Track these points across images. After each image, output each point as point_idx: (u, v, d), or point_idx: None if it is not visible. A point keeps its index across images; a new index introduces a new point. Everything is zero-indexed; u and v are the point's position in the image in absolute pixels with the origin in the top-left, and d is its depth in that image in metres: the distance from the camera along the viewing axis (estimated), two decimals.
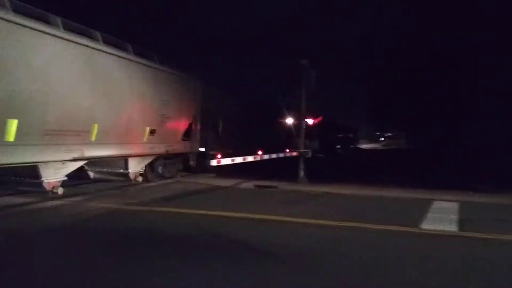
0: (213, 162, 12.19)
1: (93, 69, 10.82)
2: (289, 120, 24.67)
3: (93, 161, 11.56)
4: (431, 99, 28.06)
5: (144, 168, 13.53)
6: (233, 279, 5.15)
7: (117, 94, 11.75)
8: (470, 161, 25.13)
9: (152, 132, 13.11)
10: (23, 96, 8.84)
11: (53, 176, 9.99)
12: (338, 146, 47.51)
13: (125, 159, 12.54)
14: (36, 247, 6.30)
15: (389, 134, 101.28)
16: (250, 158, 14.04)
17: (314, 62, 15.21)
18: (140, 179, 13.34)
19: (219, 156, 12.34)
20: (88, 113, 10.64)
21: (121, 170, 12.75)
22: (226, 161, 12.67)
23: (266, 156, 15.32)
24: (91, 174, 12.56)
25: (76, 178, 11.60)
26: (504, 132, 26.01)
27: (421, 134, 35.23)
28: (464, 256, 6.42)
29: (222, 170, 15.89)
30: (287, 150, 16.16)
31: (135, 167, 12.97)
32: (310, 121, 16.44)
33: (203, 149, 16.45)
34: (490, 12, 24.78)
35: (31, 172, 9.58)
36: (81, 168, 11.20)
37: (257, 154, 14.52)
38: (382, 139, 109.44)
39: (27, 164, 9.23)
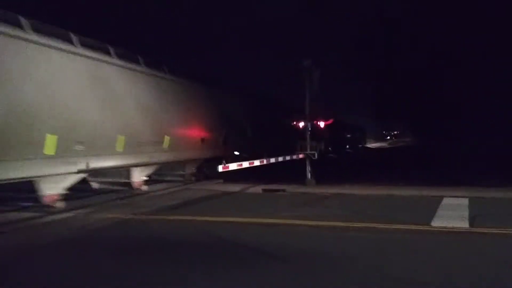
0: (220, 168, 12.19)
1: (164, 95, 13.81)
2: (299, 122, 24.73)
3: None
4: (433, 97, 28.02)
5: (194, 170, 16.35)
6: (241, 283, 5.14)
7: (180, 112, 14.71)
8: (474, 157, 25.07)
9: (202, 140, 16.02)
10: (127, 120, 12.03)
11: (139, 177, 12.92)
12: (348, 146, 47.94)
13: (183, 162, 15.47)
14: (45, 259, 6.33)
15: (396, 132, 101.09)
16: (257, 163, 14.02)
17: (317, 62, 15.13)
18: (193, 178, 16.19)
19: (224, 162, 12.58)
20: (162, 128, 13.64)
21: (180, 172, 15.90)
22: (233, 166, 12.64)
23: (272, 160, 15.24)
24: (153, 177, 14.86)
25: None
26: (503, 129, 26.00)
27: (426, 131, 35.24)
28: (476, 252, 6.35)
29: (238, 175, 15.85)
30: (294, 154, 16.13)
31: (189, 169, 16.18)
32: (321, 124, 16.41)
33: (237, 153, 18.25)
34: (490, 12, 24.68)
35: (125, 174, 12.59)
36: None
37: (264, 158, 14.51)
38: (388, 137, 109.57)
39: (125, 167, 12.29)
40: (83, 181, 11.53)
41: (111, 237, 7.90)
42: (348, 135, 49.80)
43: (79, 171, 10.40)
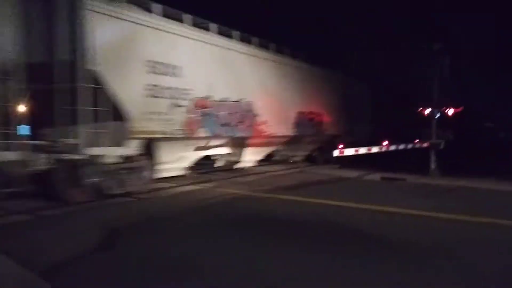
0: (336, 153, 12.10)
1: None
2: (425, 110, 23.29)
3: None
4: None
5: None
6: (338, 263, 5.24)
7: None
8: None
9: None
10: None
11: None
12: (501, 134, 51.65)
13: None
14: (172, 226, 7.12)
15: None
16: (375, 149, 13.57)
17: (447, 47, 14.09)
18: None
19: (341, 146, 12.20)
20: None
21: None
22: (349, 151, 12.42)
23: (393, 147, 14.59)
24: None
25: None
26: None
27: None
28: None
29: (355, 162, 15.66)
30: (416, 141, 15.15)
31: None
32: (450, 111, 15.19)
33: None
34: None
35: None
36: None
37: (383, 145, 13.93)
38: None
39: None
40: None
41: (228, 209, 8.60)
42: (489, 124, 47.84)
43: None
